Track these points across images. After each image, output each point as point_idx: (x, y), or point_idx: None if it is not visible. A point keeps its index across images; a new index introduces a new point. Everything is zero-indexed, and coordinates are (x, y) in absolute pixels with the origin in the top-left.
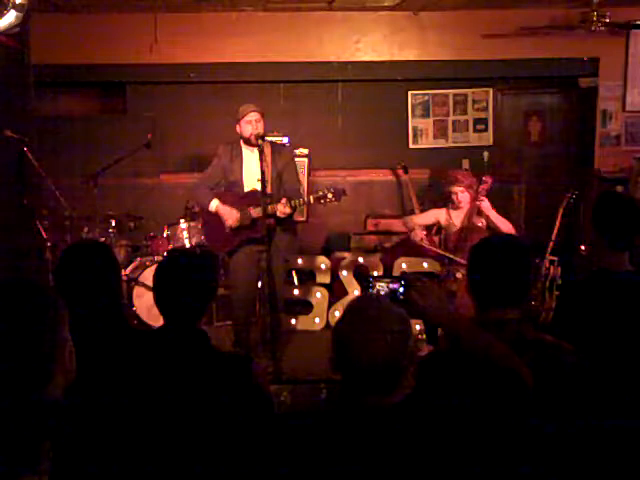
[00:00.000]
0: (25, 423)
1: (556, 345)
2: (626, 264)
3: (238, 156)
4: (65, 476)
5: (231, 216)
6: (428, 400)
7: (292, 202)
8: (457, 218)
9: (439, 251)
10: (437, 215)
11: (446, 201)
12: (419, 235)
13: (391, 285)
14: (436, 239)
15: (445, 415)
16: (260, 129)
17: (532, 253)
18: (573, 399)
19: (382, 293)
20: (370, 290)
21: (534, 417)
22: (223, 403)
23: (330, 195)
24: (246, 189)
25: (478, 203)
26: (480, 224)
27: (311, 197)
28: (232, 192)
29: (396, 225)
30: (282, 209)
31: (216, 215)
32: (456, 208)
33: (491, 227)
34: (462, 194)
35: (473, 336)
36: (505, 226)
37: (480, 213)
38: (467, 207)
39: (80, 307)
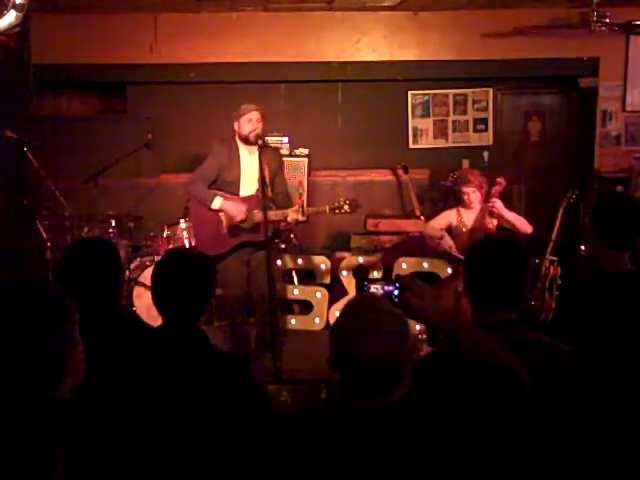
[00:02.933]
0: (38, 428)
1: (554, 346)
2: (627, 264)
3: (236, 156)
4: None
5: (240, 209)
6: (427, 400)
7: (304, 209)
8: (468, 218)
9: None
10: (449, 217)
11: (456, 201)
12: (449, 243)
13: (386, 287)
14: None
15: (444, 415)
16: (260, 129)
17: (529, 253)
18: (571, 400)
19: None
20: (365, 293)
21: (532, 418)
22: (221, 403)
23: (346, 207)
24: (242, 190)
25: (491, 205)
26: (491, 225)
27: (327, 207)
28: (233, 194)
29: (407, 226)
30: (293, 216)
31: (209, 216)
32: (467, 208)
33: (504, 227)
34: (473, 194)
35: (472, 337)
36: (522, 224)
37: (492, 214)
38: (478, 207)
39: (80, 304)
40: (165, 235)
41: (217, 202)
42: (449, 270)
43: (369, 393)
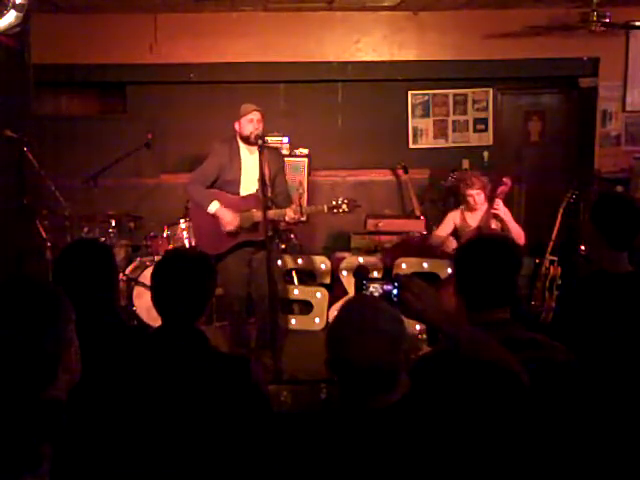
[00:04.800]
0: (26, 424)
1: (549, 345)
2: (626, 264)
3: (237, 155)
4: (66, 478)
5: (232, 222)
6: (426, 400)
7: (302, 209)
8: (472, 219)
9: None
10: (453, 219)
11: (458, 202)
12: (451, 247)
13: (385, 287)
14: None
15: (443, 415)
16: (260, 129)
17: (520, 252)
18: (567, 398)
19: (376, 295)
20: (364, 292)
21: (530, 417)
22: (221, 403)
23: (345, 206)
24: (242, 190)
25: (494, 210)
26: (494, 226)
27: (325, 206)
28: (232, 194)
29: (407, 225)
30: (292, 215)
31: (208, 216)
32: (472, 210)
33: (503, 231)
34: (478, 196)
35: (470, 337)
36: (516, 232)
37: (497, 217)
38: (484, 208)
39: (77, 305)
40: (165, 235)
41: (213, 207)
42: (449, 270)
43: (367, 394)
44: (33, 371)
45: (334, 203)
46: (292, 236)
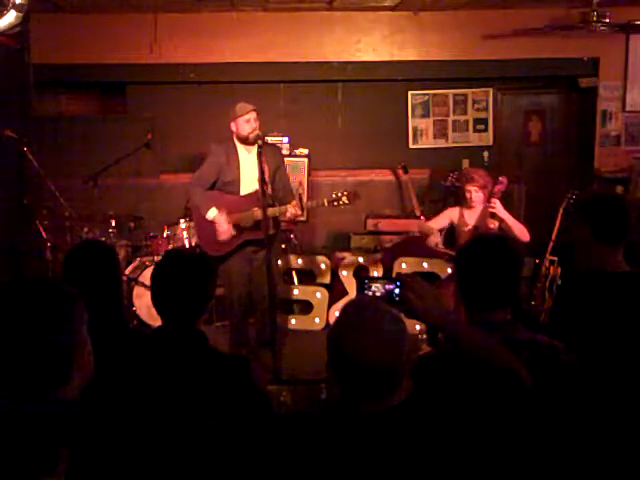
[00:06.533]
0: (41, 424)
1: (550, 345)
2: (622, 262)
3: (234, 156)
4: (81, 478)
5: (225, 233)
6: (427, 402)
7: (303, 204)
8: (470, 218)
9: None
10: (450, 215)
11: (459, 200)
12: (434, 241)
13: (387, 286)
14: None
15: (444, 417)
16: (257, 128)
17: (521, 253)
18: (569, 398)
19: (378, 294)
20: (365, 292)
21: (532, 417)
22: (221, 403)
23: (345, 198)
24: (243, 189)
25: (490, 207)
26: (492, 226)
27: (325, 200)
28: (233, 194)
29: (407, 225)
30: (292, 211)
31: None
32: (469, 207)
33: (504, 230)
34: (475, 193)
35: (471, 337)
36: (521, 232)
37: (494, 216)
38: (480, 207)
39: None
40: (165, 235)
41: (211, 213)
42: (449, 270)
43: (368, 396)
44: (48, 371)
45: (334, 196)
46: (292, 236)
